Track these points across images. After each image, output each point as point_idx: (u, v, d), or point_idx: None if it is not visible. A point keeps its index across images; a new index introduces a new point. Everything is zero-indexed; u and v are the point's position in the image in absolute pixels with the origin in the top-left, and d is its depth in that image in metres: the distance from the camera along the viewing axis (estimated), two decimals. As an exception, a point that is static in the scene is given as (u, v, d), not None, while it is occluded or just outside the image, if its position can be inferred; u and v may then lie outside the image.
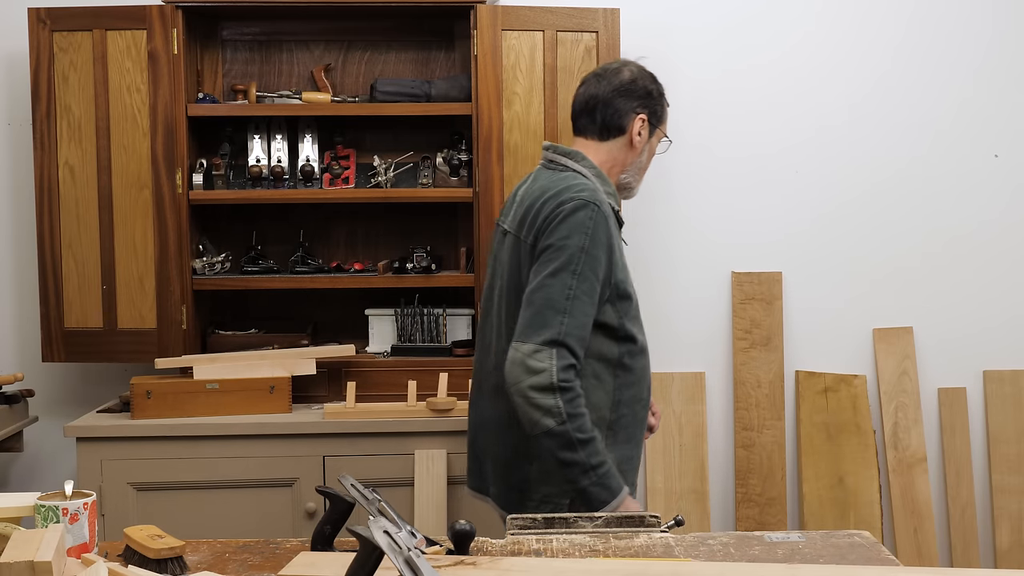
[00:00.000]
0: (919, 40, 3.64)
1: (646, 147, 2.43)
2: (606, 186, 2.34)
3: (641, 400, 2.37)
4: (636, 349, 2.32)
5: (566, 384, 2.12)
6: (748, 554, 1.73)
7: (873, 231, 3.66)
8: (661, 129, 2.45)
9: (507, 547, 1.77)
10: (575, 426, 2.12)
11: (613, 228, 2.27)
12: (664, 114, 2.46)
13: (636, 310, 2.33)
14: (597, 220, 2.21)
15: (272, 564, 1.69)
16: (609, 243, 2.23)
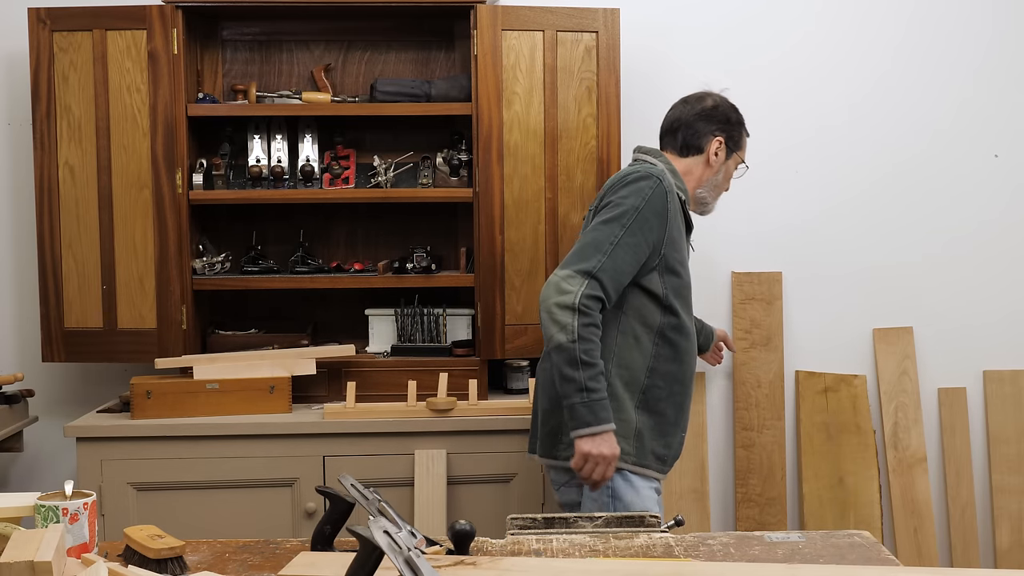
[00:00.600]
0: (919, 40, 3.64)
1: (722, 168, 2.71)
2: (678, 180, 2.62)
3: (680, 382, 2.58)
4: (678, 324, 2.55)
5: (586, 308, 2.37)
6: (748, 554, 1.73)
7: (873, 231, 3.66)
8: (738, 154, 2.74)
9: (507, 547, 1.77)
10: (583, 348, 2.36)
11: (675, 208, 2.53)
12: (742, 141, 2.75)
13: (686, 292, 2.58)
14: (657, 191, 2.50)
15: (272, 564, 1.69)
16: (666, 215, 2.49)
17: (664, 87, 3.58)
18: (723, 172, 2.73)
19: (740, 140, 2.75)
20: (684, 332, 2.57)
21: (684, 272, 2.58)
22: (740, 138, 2.75)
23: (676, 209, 2.55)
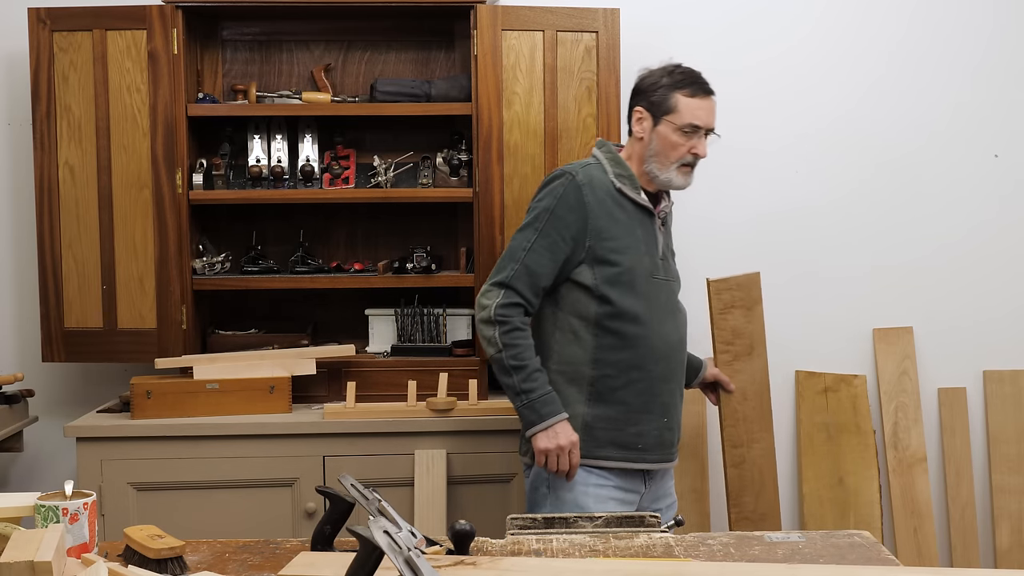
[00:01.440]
0: (918, 39, 3.64)
1: (654, 136, 2.61)
2: (617, 167, 2.61)
3: (638, 367, 2.57)
4: (616, 312, 2.54)
5: (502, 318, 2.50)
6: (748, 554, 1.73)
7: (873, 230, 3.66)
8: (669, 118, 2.59)
9: (507, 547, 1.77)
10: (509, 355, 2.50)
11: (598, 198, 2.55)
12: (667, 102, 2.60)
13: (627, 277, 2.55)
14: (569, 186, 2.55)
15: (272, 564, 1.69)
16: (584, 208, 2.53)
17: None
18: (657, 140, 2.61)
19: (663, 102, 2.61)
20: (628, 318, 2.56)
21: (623, 259, 2.56)
22: (663, 100, 2.61)
23: (601, 198, 2.56)
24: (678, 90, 2.60)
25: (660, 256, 2.64)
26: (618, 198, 2.59)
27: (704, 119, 2.61)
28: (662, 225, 2.67)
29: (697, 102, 2.60)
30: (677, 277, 2.73)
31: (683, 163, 2.61)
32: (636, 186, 2.62)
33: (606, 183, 2.59)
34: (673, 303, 2.68)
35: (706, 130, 2.63)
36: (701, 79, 2.64)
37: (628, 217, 2.59)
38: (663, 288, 2.64)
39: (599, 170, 2.62)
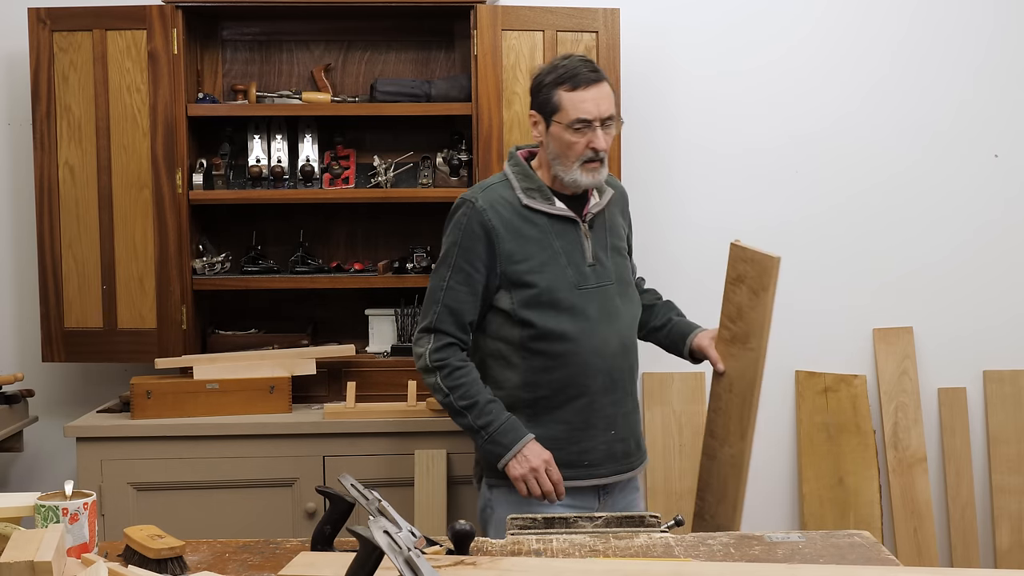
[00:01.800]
0: (919, 40, 3.64)
1: (548, 139, 2.45)
2: (525, 181, 2.48)
3: (574, 385, 2.47)
4: (539, 334, 2.43)
5: (439, 363, 2.43)
6: (748, 554, 1.73)
7: (873, 231, 3.66)
8: (559, 115, 2.41)
9: (507, 547, 1.77)
10: (457, 396, 2.42)
11: (503, 220, 2.43)
12: (552, 99, 2.42)
13: (546, 298, 2.43)
14: (471, 215, 2.44)
15: (272, 564, 1.69)
16: (490, 234, 2.42)
17: (664, 87, 3.59)
18: (552, 143, 2.44)
19: (548, 103, 2.43)
20: (554, 338, 2.43)
21: (539, 278, 2.43)
22: (547, 101, 2.43)
23: (508, 219, 2.44)
24: (559, 87, 2.41)
25: (589, 263, 2.48)
26: (527, 215, 2.45)
27: (592, 111, 2.39)
28: (590, 228, 2.51)
29: (580, 95, 2.39)
30: (619, 276, 2.54)
31: (585, 160, 2.42)
32: (548, 196, 2.47)
33: (513, 201, 2.46)
34: (611, 307, 2.50)
35: (601, 120, 2.41)
36: (583, 69, 2.41)
37: (541, 233, 2.46)
38: (595, 296, 2.48)
39: (505, 188, 2.48)
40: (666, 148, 3.63)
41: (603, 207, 2.54)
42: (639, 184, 3.57)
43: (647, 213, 3.57)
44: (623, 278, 2.56)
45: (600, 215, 2.54)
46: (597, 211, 2.52)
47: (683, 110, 3.62)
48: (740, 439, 2.66)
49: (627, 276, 2.59)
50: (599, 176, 2.46)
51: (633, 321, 2.59)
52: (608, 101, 2.42)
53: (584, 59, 2.45)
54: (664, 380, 3.64)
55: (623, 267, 2.57)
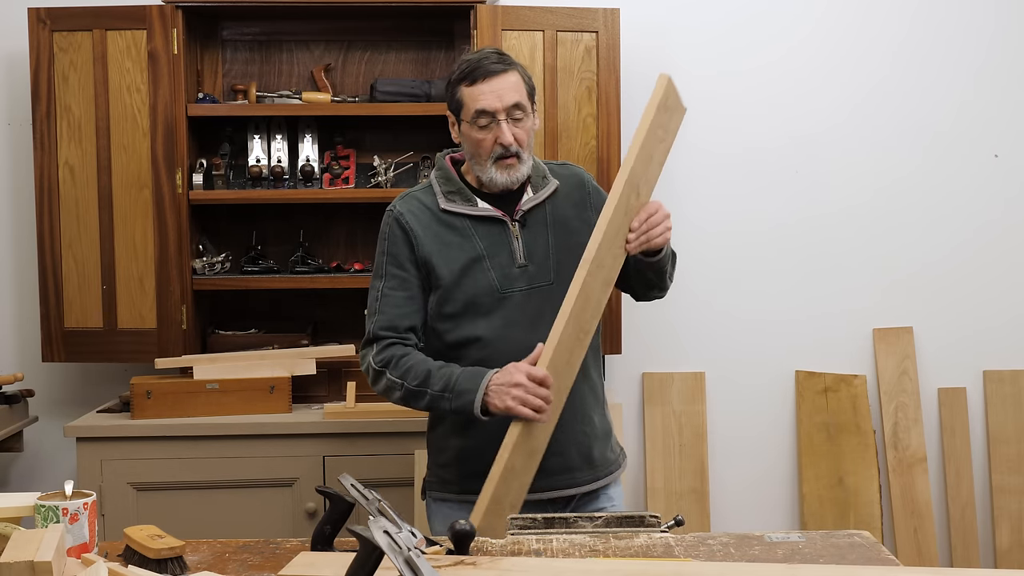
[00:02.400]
0: (920, 41, 3.64)
1: (462, 139, 2.31)
2: (446, 185, 2.33)
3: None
4: (456, 340, 2.27)
5: (383, 362, 2.26)
6: (748, 554, 1.73)
7: (873, 231, 3.66)
8: (463, 113, 2.26)
9: (507, 547, 1.77)
10: (410, 379, 2.22)
11: (420, 226, 2.29)
12: (455, 99, 2.28)
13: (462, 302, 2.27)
14: (390, 222, 2.33)
15: (272, 564, 1.69)
16: (409, 239, 2.29)
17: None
18: (465, 142, 2.30)
19: (453, 101, 2.30)
20: (469, 344, 2.27)
21: (458, 282, 2.27)
22: (452, 99, 2.30)
23: (427, 224, 2.29)
24: (460, 83, 2.26)
25: (519, 264, 2.29)
26: (447, 219, 2.30)
27: (492, 103, 2.22)
28: (522, 227, 2.31)
29: (478, 88, 2.23)
30: (556, 276, 2.30)
31: (497, 157, 2.25)
32: (469, 197, 2.31)
33: (431, 206, 2.31)
34: (544, 310, 2.26)
35: (506, 111, 2.23)
36: (485, 61, 2.25)
37: (461, 236, 2.29)
38: (522, 299, 2.28)
39: (426, 194, 2.34)
40: (666, 148, 3.62)
41: (541, 201, 2.33)
42: (639, 184, 3.56)
43: (647, 213, 3.57)
44: (571, 277, 2.23)
45: (538, 211, 2.33)
46: (531, 207, 2.32)
47: (683, 110, 3.61)
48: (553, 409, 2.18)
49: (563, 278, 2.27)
50: (517, 173, 2.27)
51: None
52: (514, 91, 2.23)
53: (493, 50, 2.29)
54: (664, 380, 3.64)
55: (575, 265, 2.22)
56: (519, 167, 2.27)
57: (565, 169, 2.43)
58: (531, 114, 2.29)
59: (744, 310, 3.65)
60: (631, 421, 3.65)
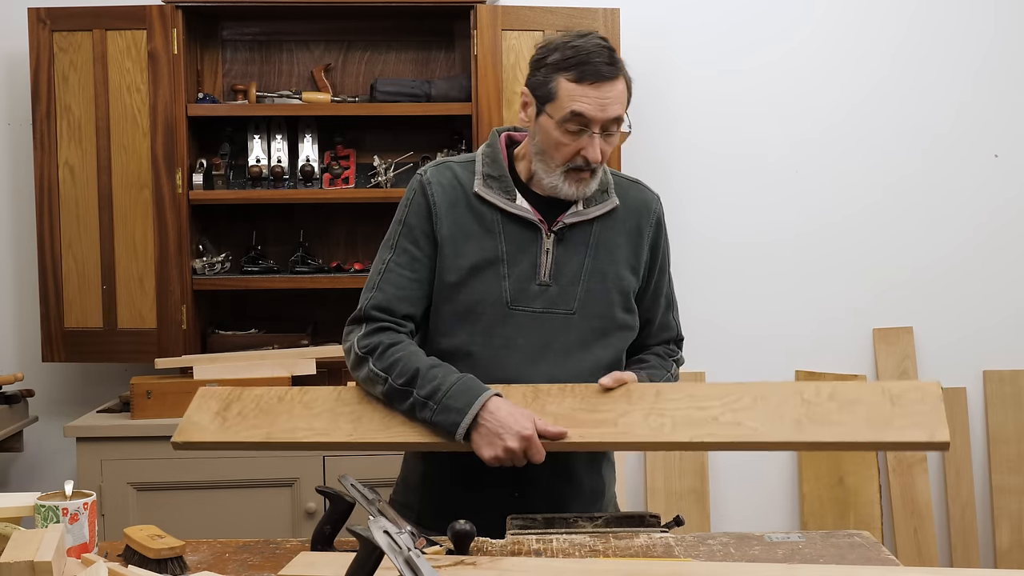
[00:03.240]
0: (919, 41, 3.64)
1: (536, 128, 1.97)
2: (490, 167, 2.02)
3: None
4: (448, 348, 1.99)
5: (367, 348, 1.96)
6: (748, 554, 1.73)
7: (873, 231, 3.66)
8: (549, 108, 1.93)
9: (507, 547, 1.77)
10: (395, 375, 1.92)
11: (446, 202, 2.00)
12: (548, 87, 1.93)
13: (464, 306, 1.99)
14: (416, 188, 2.03)
15: (272, 564, 1.69)
16: (431, 211, 1.99)
17: (664, 87, 3.59)
18: (540, 134, 1.96)
19: (544, 86, 1.93)
20: (460, 356, 1.98)
21: (466, 281, 1.98)
22: (543, 83, 1.93)
23: (454, 201, 2.00)
24: (562, 72, 1.91)
25: (541, 281, 1.99)
26: (477, 205, 2.00)
27: (594, 112, 1.90)
28: (559, 241, 2.00)
29: (582, 89, 1.89)
30: (592, 309, 2.00)
31: (571, 167, 1.95)
32: (509, 189, 2.00)
33: (466, 184, 2.01)
34: (556, 342, 1.99)
35: (603, 125, 1.92)
36: (597, 58, 1.90)
37: (486, 230, 1.99)
38: (534, 321, 1.98)
39: (466, 168, 2.04)
40: (666, 148, 3.63)
41: (591, 219, 2.02)
42: (639, 184, 3.57)
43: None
44: (600, 313, 2.01)
45: (582, 229, 2.02)
46: (576, 222, 2.01)
47: (683, 110, 3.62)
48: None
49: (613, 313, 2.02)
50: (586, 187, 1.98)
51: (593, 368, 1.99)
52: (618, 103, 1.92)
53: (603, 44, 1.93)
54: (664, 380, 3.64)
55: (609, 300, 2.02)
56: (591, 182, 1.98)
57: (635, 189, 2.10)
58: (625, 121, 1.96)
59: (744, 310, 3.65)
60: (631, 421, 3.65)
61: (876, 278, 3.67)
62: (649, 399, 1.91)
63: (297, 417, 1.98)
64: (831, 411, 1.84)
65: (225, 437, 1.98)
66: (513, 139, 2.09)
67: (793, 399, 1.86)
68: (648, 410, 1.89)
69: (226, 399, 2.03)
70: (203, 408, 2.03)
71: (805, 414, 1.83)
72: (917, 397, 1.84)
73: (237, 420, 1.99)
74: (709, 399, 1.89)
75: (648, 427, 1.86)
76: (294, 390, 2.03)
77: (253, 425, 1.98)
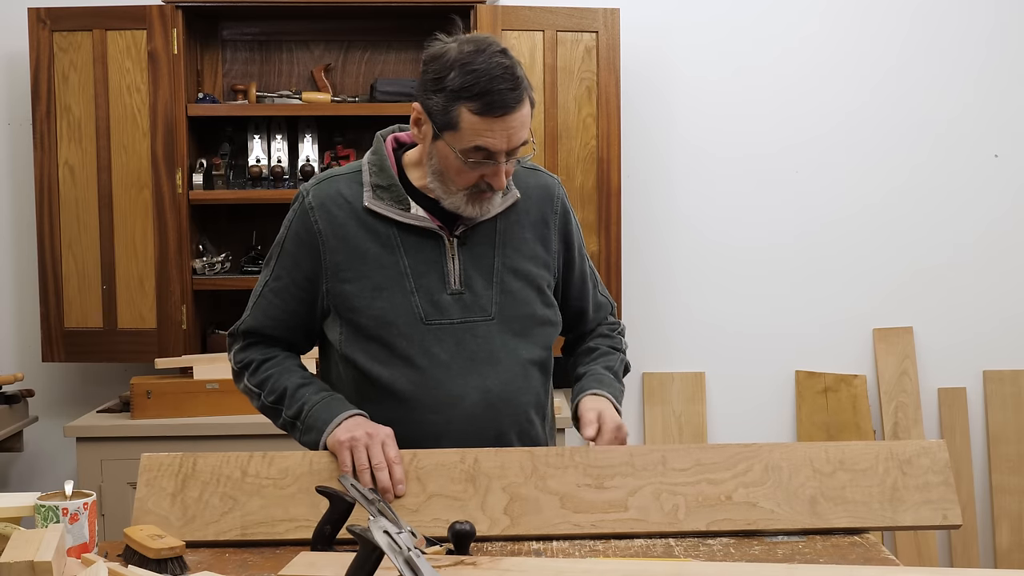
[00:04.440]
0: (919, 41, 3.64)
1: (432, 149, 1.83)
2: (379, 177, 1.89)
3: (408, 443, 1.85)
4: (366, 380, 1.89)
5: (242, 364, 1.95)
6: (748, 554, 1.73)
7: (873, 231, 3.66)
8: (449, 136, 1.78)
9: (507, 547, 1.77)
10: (266, 392, 1.92)
11: (332, 226, 1.87)
12: (449, 114, 1.77)
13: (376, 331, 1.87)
14: (298, 213, 1.90)
15: (272, 564, 1.69)
16: (315, 241, 1.88)
17: (664, 87, 3.59)
18: (437, 158, 1.82)
19: (444, 113, 1.77)
20: (381, 387, 1.89)
21: (372, 304, 1.86)
22: (443, 110, 1.77)
23: (342, 223, 1.87)
24: (463, 102, 1.76)
25: (452, 290, 1.88)
26: (369, 221, 1.87)
27: (499, 144, 1.78)
28: (462, 245, 1.89)
29: (488, 123, 1.76)
30: (512, 311, 1.91)
31: (475, 190, 1.83)
32: (401, 199, 1.87)
33: (354, 200, 1.88)
34: (480, 350, 1.89)
35: (508, 152, 1.80)
36: (499, 85, 1.75)
37: (383, 246, 1.87)
38: (453, 334, 1.88)
39: (352, 182, 1.90)
40: (665, 148, 3.63)
41: (492, 215, 1.90)
42: (638, 184, 3.57)
43: (645, 213, 3.58)
44: (519, 313, 1.92)
45: (485, 227, 1.91)
46: (478, 223, 1.89)
47: (683, 110, 3.62)
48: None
49: (532, 311, 1.93)
50: (489, 205, 1.86)
51: (525, 370, 1.92)
52: (524, 128, 1.80)
53: (504, 63, 1.77)
54: (664, 380, 3.64)
55: (526, 298, 1.92)
56: (494, 200, 1.87)
57: (534, 177, 1.99)
58: (529, 142, 1.84)
59: (744, 310, 3.65)
60: (631, 421, 3.65)
61: (876, 278, 3.67)
62: (656, 469, 1.83)
63: (270, 500, 1.79)
64: (844, 485, 1.84)
65: (192, 534, 1.76)
66: (400, 141, 1.96)
67: (804, 470, 1.84)
68: (658, 486, 1.82)
69: (179, 473, 1.80)
70: (155, 490, 1.80)
71: (819, 490, 1.83)
72: (927, 464, 1.84)
73: (200, 508, 1.78)
74: (718, 469, 1.84)
75: (662, 511, 1.81)
76: (256, 457, 1.81)
77: (221, 513, 1.78)
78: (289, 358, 1.98)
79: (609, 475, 1.83)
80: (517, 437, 1.94)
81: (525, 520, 1.80)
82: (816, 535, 1.82)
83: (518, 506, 1.80)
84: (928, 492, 1.83)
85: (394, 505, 1.79)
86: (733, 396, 3.65)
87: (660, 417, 3.63)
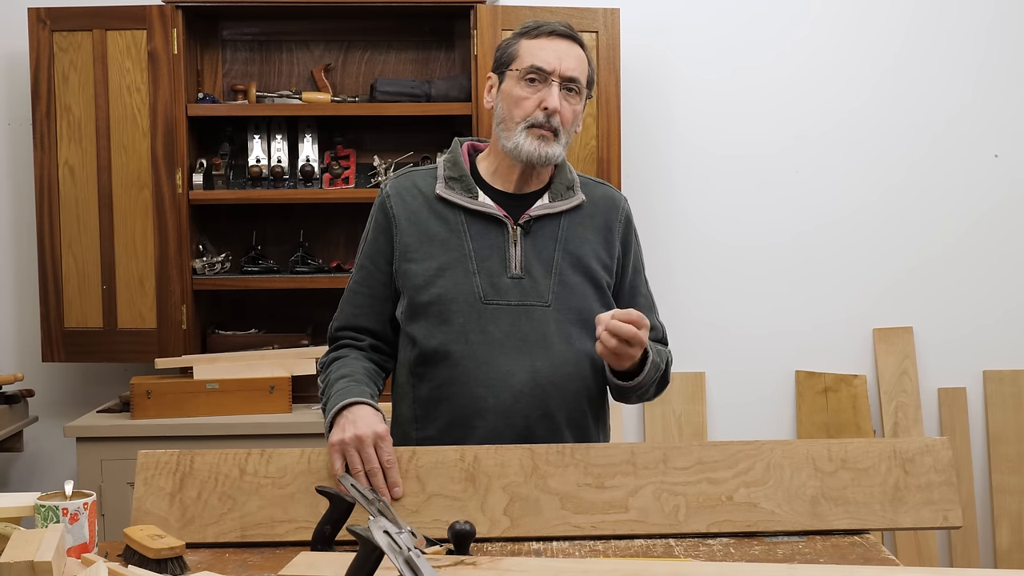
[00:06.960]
0: (919, 41, 3.64)
1: (498, 100, 2.03)
2: (451, 169, 2.06)
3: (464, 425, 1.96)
4: (423, 354, 1.99)
5: (320, 364, 2.08)
6: (748, 554, 1.73)
7: (873, 230, 3.66)
8: (510, 70, 2.00)
9: (507, 547, 1.77)
10: (322, 392, 2.00)
11: (406, 211, 2.05)
12: (508, 52, 2.02)
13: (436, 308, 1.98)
14: (378, 204, 2.12)
15: (272, 564, 1.69)
16: (390, 226, 2.06)
17: (664, 87, 3.59)
18: (502, 102, 2.01)
19: (506, 54, 2.03)
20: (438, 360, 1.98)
21: (434, 282, 1.99)
22: (505, 52, 2.03)
23: (415, 209, 2.05)
24: (520, 37, 2.02)
25: (513, 274, 1.99)
26: (439, 208, 2.03)
27: (551, 60, 1.96)
28: (525, 234, 2.01)
29: (540, 43, 1.98)
30: (567, 301, 2.00)
31: (531, 123, 1.96)
32: (470, 187, 2.03)
33: (427, 190, 2.05)
34: (533, 333, 1.98)
35: (561, 77, 1.96)
36: (554, 24, 2.01)
37: (450, 230, 2.01)
38: (509, 315, 1.97)
39: (427, 176, 2.09)
40: (665, 148, 3.63)
41: (557, 212, 2.04)
42: (638, 184, 3.57)
43: (646, 213, 3.57)
44: (576, 305, 2.01)
45: (549, 222, 2.03)
46: (542, 215, 2.02)
47: (683, 110, 3.62)
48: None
49: (588, 304, 2.02)
50: (548, 149, 1.97)
51: (577, 358, 1.99)
52: (575, 62, 1.98)
53: (562, 22, 2.04)
54: (664, 380, 3.64)
55: (583, 292, 2.02)
56: (553, 145, 1.98)
57: (601, 188, 2.12)
58: (583, 100, 2.01)
59: (744, 310, 3.65)
60: (631, 421, 3.65)
61: (876, 278, 3.67)
62: (657, 468, 1.83)
63: (269, 500, 1.80)
64: (845, 485, 1.84)
65: (192, 536, 1.76)
66: (476, 148, 2.14)
67: (806, 468, 1.84)
68: (658, 486, 1.82)
69: (177, 471, 1.80)
70: (154, 489, 1.80)
71: (820, 489, 1.83)
72: (930, 463, 1.84)
73: (199, 508, 1.79)
74: (719, 467, 1.84)
75: (662, 512, 1.81)
76: (255, 455, 1.82)
77: (220, 514, 1.79)
78: (355, 357, 2.04)
79: (610, 474, 1.83)
80: (566, 423, 2.00)
81: (525, 521, 1.80)
82: (816, 535, 1.82)
83: (518, 507, 1.80)
84: (930, 492, 1.83)
85: (394, 505, 1.79)
86: (733, 396, 3.66)
87: (660, 417, 3.63)
